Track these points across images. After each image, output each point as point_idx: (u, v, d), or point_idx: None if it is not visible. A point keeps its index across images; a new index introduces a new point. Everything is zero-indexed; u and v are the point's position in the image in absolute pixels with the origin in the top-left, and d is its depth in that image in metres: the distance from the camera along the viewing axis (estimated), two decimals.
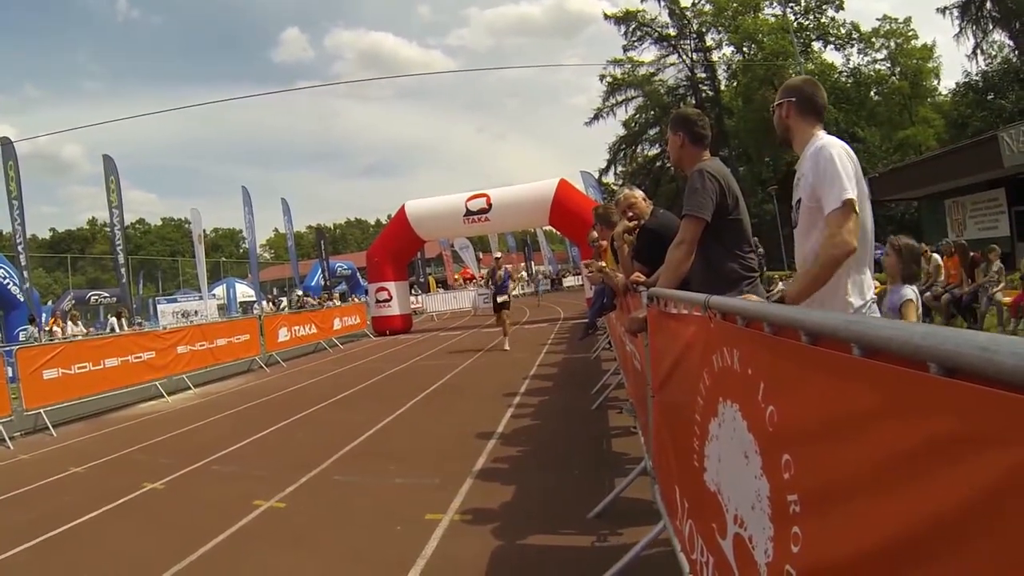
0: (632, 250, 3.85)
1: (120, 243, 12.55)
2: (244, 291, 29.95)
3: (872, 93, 28.09)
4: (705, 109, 21.00)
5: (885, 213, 20.57)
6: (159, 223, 65.58)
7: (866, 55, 28.16)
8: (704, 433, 1.61)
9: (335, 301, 22.41)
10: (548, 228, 25.45)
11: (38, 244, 52.04)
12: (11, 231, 11.37)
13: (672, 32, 30.21)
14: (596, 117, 31.91)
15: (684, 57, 30.47)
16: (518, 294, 26.74)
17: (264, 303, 21.64)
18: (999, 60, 22.49)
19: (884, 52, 27.91)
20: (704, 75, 30.89)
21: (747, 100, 26.00)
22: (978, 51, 22.71)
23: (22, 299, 14.03)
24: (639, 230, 3.74)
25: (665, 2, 29.25)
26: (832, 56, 28.76)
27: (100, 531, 3.78)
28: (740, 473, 1.30)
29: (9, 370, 7.43)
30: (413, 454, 4.85)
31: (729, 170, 2.65)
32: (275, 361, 12.52)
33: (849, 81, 27.89)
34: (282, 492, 4.11)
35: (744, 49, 28.32)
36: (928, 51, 27.08)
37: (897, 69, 27.56)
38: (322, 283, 24.36)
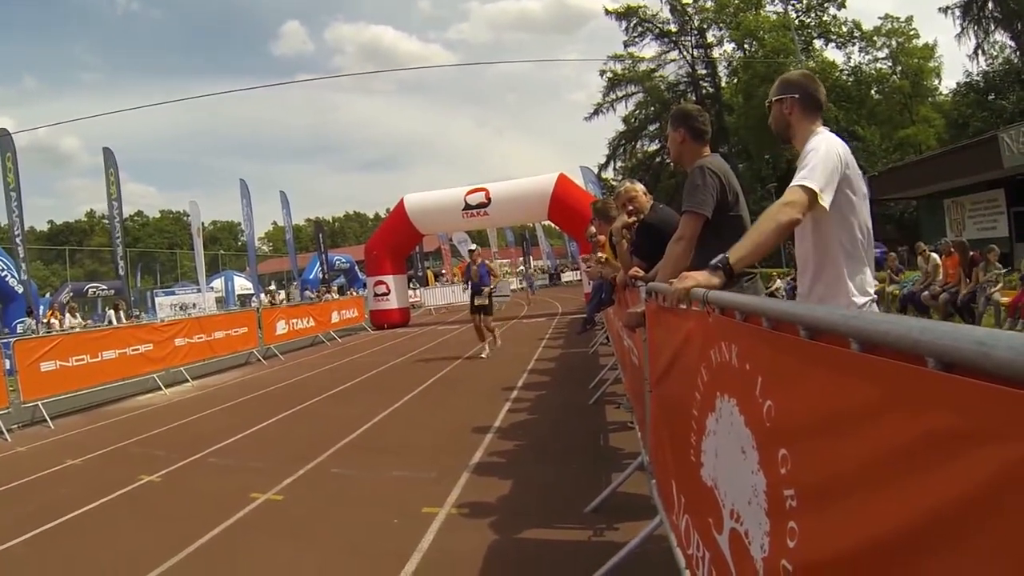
0: (631, 245, 3.84)
1: (119, 235, 12.53)
2: (242, 284, 30.01)
3: (873, 92, 28.00)
4: (705, 105, 20.86)
5: (884, 212, 20.54)
6: (157, 215, 65.61)
7: (867, 54, 28.10)
8: (701, 428, 1.61)
9: (333, 294, 22.44)
10: (547, 223, 25.24)
11: (36, 236, 51.96)
12: (9, 223, 11.36)
13: (673, 28, 30.09)
14: (596, 112, 31.77)
15: (685, 53, 30.35)
16: (510, 291, 24.44)
17: (263, 296, 21.61)
18: (1000, 60, 22.47)
19: (885, 51, 27.82)
20: (705, 72, 30.78)
21: (748, 97, 25.89)
22: (979, 51, 22.66)
23: (20, 291, 13.99)
24: (638, 225, 3.73)
25: None
26: (833, 54, 28.72)
27: (97, 523, 3.78)
28: (737, 468, 1.30)
29: (7, 362, 7.42)
30: (410, 447, 4.86)
31: (729, 167, 2.64)
32: (273, 354, 12.51)
33: (850, 80, 27.80)
34: (279, 485, 4.11)
35: (745, 46, 28.24)
36: (929, 50, 27.00)
37: (898, 68, 27.46)
38: (320, 276, 24.38)
